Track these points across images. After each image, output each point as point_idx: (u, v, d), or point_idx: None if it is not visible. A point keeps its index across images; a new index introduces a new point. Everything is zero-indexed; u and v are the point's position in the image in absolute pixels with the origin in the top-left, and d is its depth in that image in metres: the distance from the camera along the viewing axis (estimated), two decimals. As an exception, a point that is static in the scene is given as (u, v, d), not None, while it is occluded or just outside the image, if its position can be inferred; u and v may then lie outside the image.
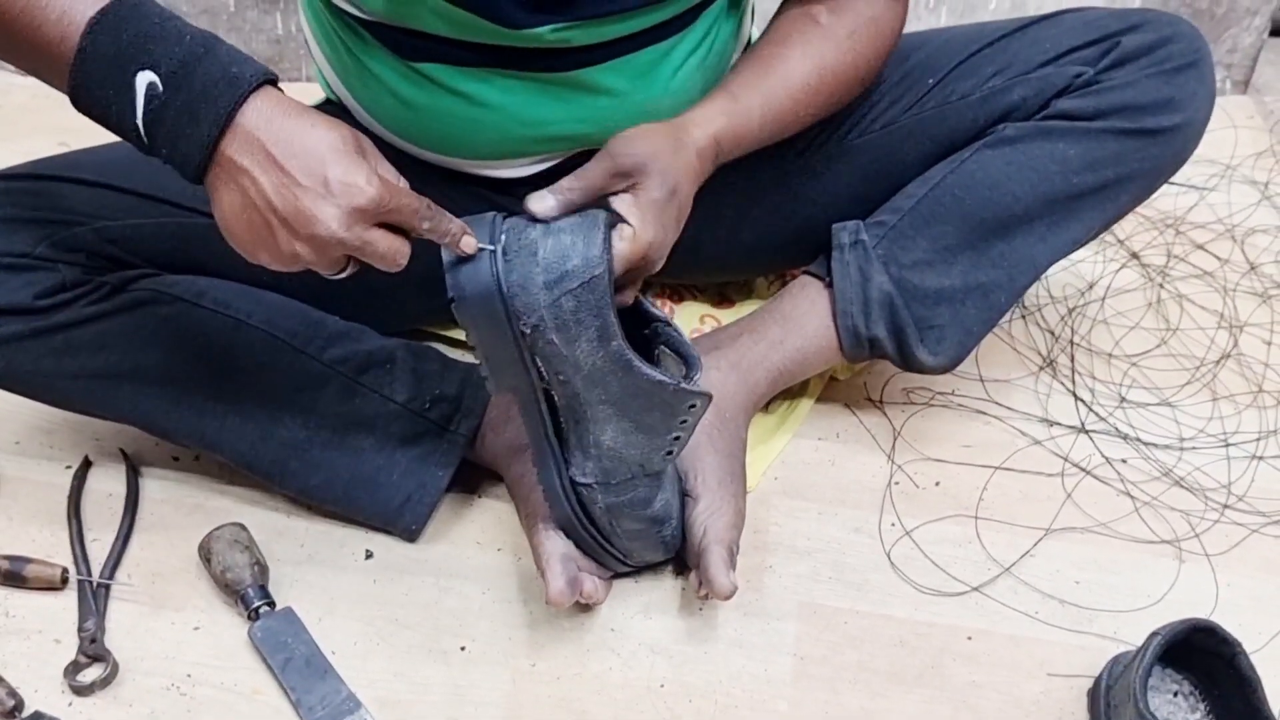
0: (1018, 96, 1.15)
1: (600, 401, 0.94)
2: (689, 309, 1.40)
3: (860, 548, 1.17)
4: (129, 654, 1.05)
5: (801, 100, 1.07)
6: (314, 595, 1.11)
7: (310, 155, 0.79)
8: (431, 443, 1.13)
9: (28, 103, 1.78)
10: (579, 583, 1.04)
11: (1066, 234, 1.15)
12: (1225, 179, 1.64)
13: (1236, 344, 1.40)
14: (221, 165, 0.80)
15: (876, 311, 1.16)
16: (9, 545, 1.14)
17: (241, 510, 1.17)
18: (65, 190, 1.03)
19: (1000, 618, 1.10)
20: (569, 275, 0.86)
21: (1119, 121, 1.11)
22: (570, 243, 0.87)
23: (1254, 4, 1.78)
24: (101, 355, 1.03)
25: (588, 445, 0.98)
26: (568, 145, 1.12)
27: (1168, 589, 1.13)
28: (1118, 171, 1.13)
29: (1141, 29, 1.13)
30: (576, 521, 1.03)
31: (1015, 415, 1.30)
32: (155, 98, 0.79)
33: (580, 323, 0.88)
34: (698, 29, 1.10)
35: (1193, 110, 1.13)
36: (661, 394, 0.94)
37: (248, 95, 0.79)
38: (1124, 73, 1.12)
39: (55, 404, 1.08)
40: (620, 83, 1.08)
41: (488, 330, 0.90)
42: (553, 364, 0.92)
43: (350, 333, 1.12)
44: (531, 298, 0.87)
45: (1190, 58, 1.12)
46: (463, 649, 1.07)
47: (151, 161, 0.83)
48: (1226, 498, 1.22)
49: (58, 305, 1.00)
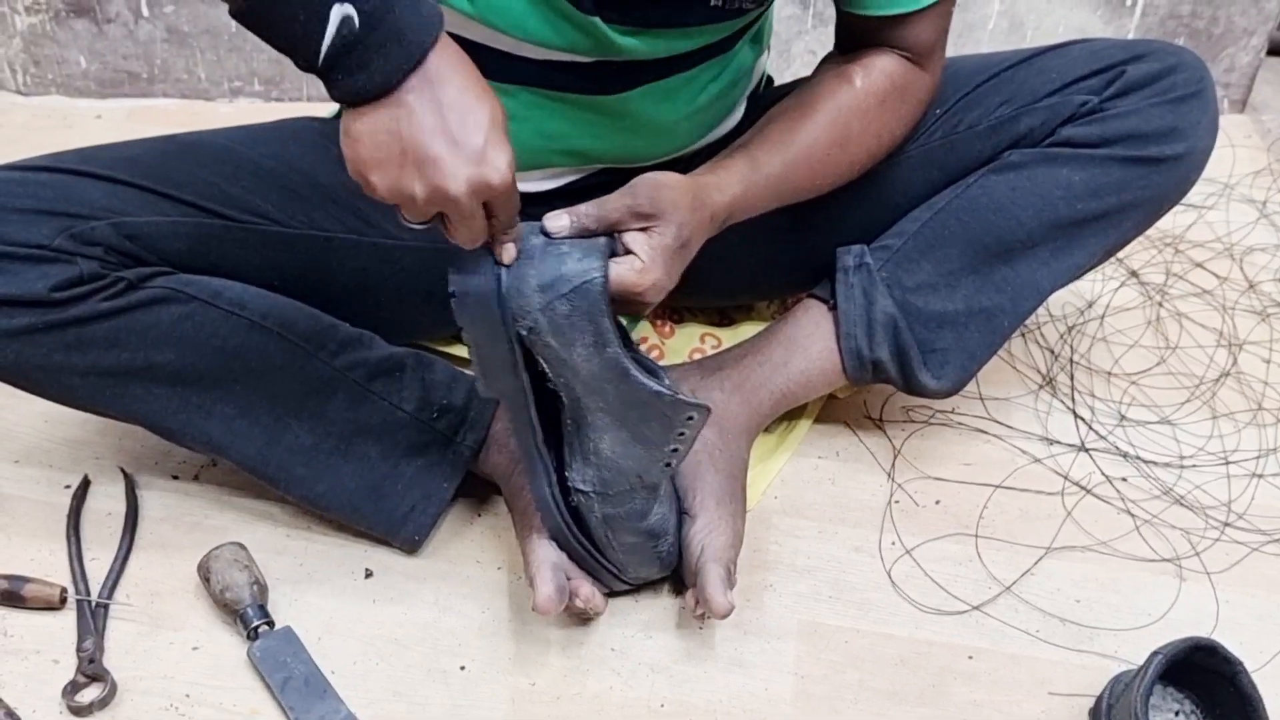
0: (1024, 126, 1.16)
1: (599, 409, 0.96)
2: (689, 328, 1.40)
3: (860, 566, 1.16)
4: (127, 674, 1.05)
5: (818, 169, 1.09)
6: (313, 614, 1.10)
7: (470, 117, 0.83)
8: (438, 453, 1.13)
9: (29, 121, 1.79)
10: (570, 591, 1.04)
11: (1070, 260, 1.16)
12: (1224, 197, 1.65)
13: (1236, 362, 1.40)
14: (394, 103, 0.83)
15: (880, 334, 1.16)
16: (8, 564, 1.13)
17: (241, 529, 1.17)
18: (85, 184, 1.03)
19: (1001, 636, 1.10)
20: (562, 279, 0.89)
21: (1123, 149, 1.12)
22: (568, 252, 0.91)
23: (1251, 24, 1.79)
24: (114, 352, 1.02)
25: (588, 452, 0.99)
26: (584, 160, 1.14)
27: (1168, 607, 1.13)
28: (1121, 199, 1.14)
29: (1146, 59, 1.14)
30: (567, 532, 1.03)
31: (1015, 434, 1.30)
32: (350, 30, 0.81)
33: (575, 327, 0.90)
34: (717, 65, 1.12)
35: (1195, 139, 1.14)
36: (658, 404, 0.95)
37: (433, 44, 0.82)
38: (1128, 101, 1.13)
39: (61, 400, 1.07)
40: (645, 105, 1.10)
41: (484, 330, 0.92)
42: (554, 367, 0.94)
43: (361, 339, 1.12)
44: (525, 299, 0.90)
45: (1194, 88, 1.13)
46: (462, 668, 1.07)
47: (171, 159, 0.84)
48: (1227, 516, 1.22)
49: (73, 299, 0.99)
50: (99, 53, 1.81)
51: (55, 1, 1.76)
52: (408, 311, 1.20)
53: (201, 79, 1.85)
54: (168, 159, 1.09)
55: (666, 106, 1.11)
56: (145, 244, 1.03)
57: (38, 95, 1.85)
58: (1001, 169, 1.15)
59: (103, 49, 1.81)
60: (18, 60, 1.82)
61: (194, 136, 1.14)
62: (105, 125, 1.79)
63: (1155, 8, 1.77)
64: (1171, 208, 1.19)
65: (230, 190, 1.09)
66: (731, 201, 1.02)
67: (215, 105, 1.87)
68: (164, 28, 1.79)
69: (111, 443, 1.25)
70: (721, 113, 1.16)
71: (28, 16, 1.78)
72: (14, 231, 0.97)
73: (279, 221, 1.11)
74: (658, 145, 1.17)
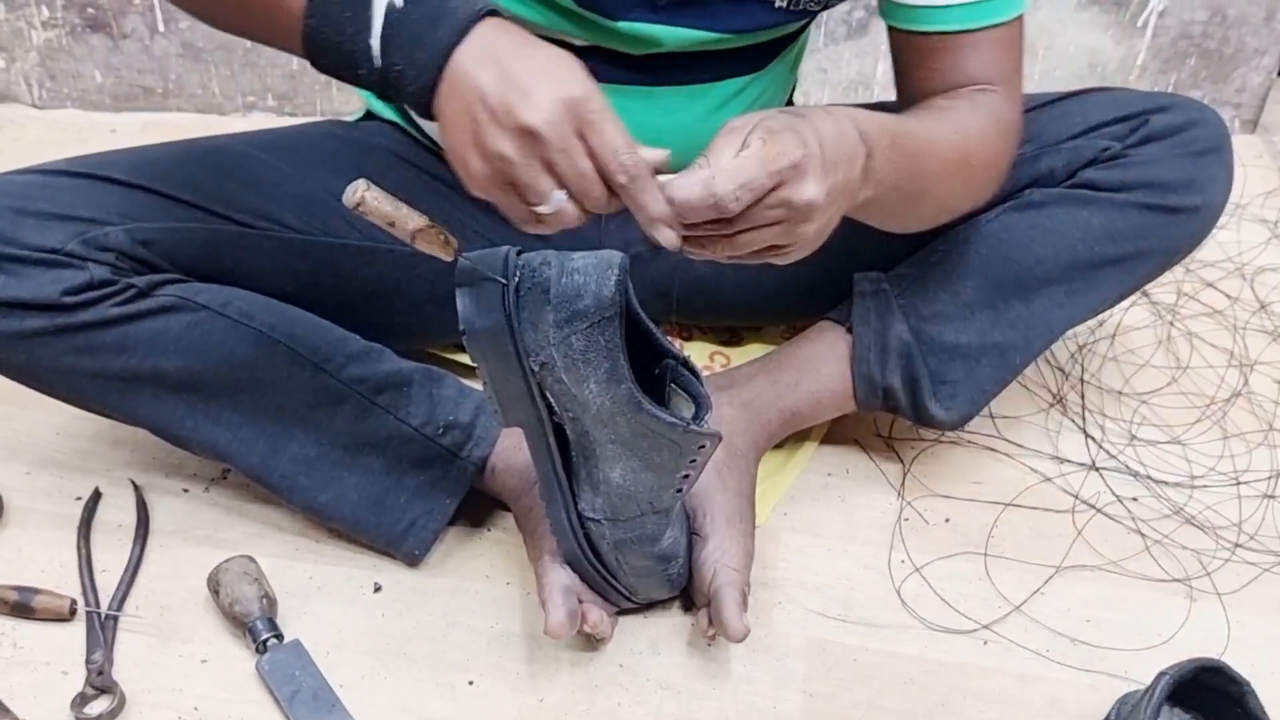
0: (1046, 166, 1.17)
1: (609, 440, 0.94)
2: (697, 347, 1.40)
3: (870, 584, 1.16)
4: (136, 686, 1.05)
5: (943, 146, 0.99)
6: (322, 628, 1.10)
7: (533, 59, 0.80)
8: (442, 469, 1.13)
9: (44, 135, 1.80)
10: (583, 614, 1.04)
11: (1084, 302, 1.17)
12: (1234, 217, 1.65)
13: (1247, 382, 1.40)
14: (452, 76, 0.80)
15: (893, 360, 1.16)
16: (18, 576, 1.14)
17: (250, 543, 1.18)
18: (101, 188, 1.04)
19: (1010, 656, 1.10)
20: (580, 315, 0.86)
21: (1143, 196, 1.13)
22: (583, 282, 0.86)
23: (1262, 44, 1.79)
24: (122, 357, 1.03)
25: (597, 481, 0.98)
26: None
27: (1179, 628, 1.12)
28: (1138, 245, 1.15)
29: (1169, 111, 1.16)
30: (583, 556, 1.03)
31: (1025, 452, 1.30)
32: (395, 12, 0.81)
33: (589, 363, 0.88)
34: (764, 79, 1.13)
35: (1213, 194, 1.16)
36: (671, 435, 0.93)
37: (483, 14, 0.81)
38: (1150, 150, 1.14)
39: (71, 401, 1.09)
40: (698, 110, 1.11)
41: (497, 364, 0.90)
42: (562, 401, 0.92)
43: (370, 353, 1.12)
44: (541, 335, 0.87)
45: (1214, 143, 1.15)
46: (470, 683, 1.07)
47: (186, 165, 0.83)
48: (1238, 536, 1.21)
49: (84, 304, 1.00)
50: (114, 67, 1.82)
51: (72, 16, 1.78)
52: (421, 318, 1.20)
53: (216, 94, 1.86)
54: (185, 164, 1.10)
55: (716, 116, 1.11)
56: (158, 249, 1.04)
57: (53, 109, 1.86)
58: (1022, 207, 1.16)
59: (118, 63, 1.82)
60: (34, 74, 1.83)
61: (213, 141, 1.15)
62: (120, 139, 1.80)
63: (1166, 29, 1.77)
64: (1183, 259, 1.21)
65: (245, 196, 1.09)
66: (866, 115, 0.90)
67: (229, 120, 1.88)
68: (179, 43, 1.80)
69: (122, 455, 1.26)
70: None
71: (44, 31, 1.79)
72: (28, 235, 0.99)
73: (293, 228, 1.11)
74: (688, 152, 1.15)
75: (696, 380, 0.95)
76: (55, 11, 1.77)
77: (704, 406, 0.95)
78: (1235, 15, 1.76)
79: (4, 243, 0.98)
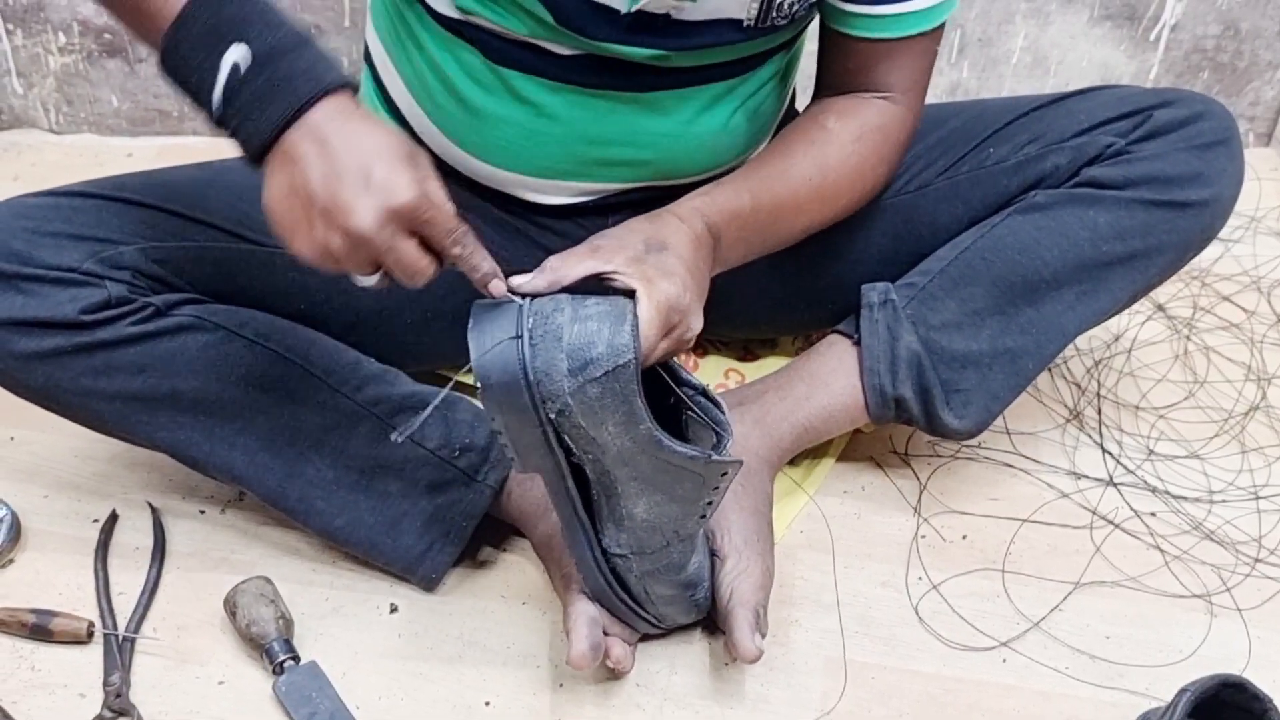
0: (1050, 165, 1.16)
1: (631, 479, 0.93)
2: (712, 363, 1.40)
3: (887, 602, 1.16)
4: (154, 708, 1.05)
5: (802, 194, 1.09)
6: (339, 649, 1.10)
7: (361, 152, 0.82)
8: (458, 492, 1.13)
9: (61, 160, 1.81)
10: (605, 648, 1.04)
11: (1095, 303, 1.17)
12: (1250, 231, 1.64)
13: (1265, 396, 1.39)
14: (282, 149, 0.83)
15: (904, 371, 1.16)
16: (36, 599, 1.14)
17: (267, 564, 1.18)
18: (116, 209, 1.05)
19: (1029, 673, 1.09)
20: (594, 363, 0.86)
21: (1148, 192, 1.13)
22: (596, 329, 0.86)
23: (1276, 57, 1.78)
24: (140, 378, 1.03)
25: (620, 518, 0.97)
26: (620, 173, 1.14)
27: (1199, 644, 1.12)
28: (1146, 242, 1.14)
29: (1174, 105, 1.15)
30: (611, 592, 1.02)
31: (1042, 468, 1.30)
32: (239, 73, 0.82)
33: (606, 408, 0.87)
34: (753, 81, 1.13)
35: (1221, 186, 1.14)
36: (694, 467, 0.93)
37: (325, 94, 0.83)
38: (1155, 145, 1.14)
39: (90, 425, 1.09)
40: (686, 111, 1.10)
41: (513, 415, 0.89)
42: (580, 444, 0.91)
43: (385, 375, 1.12)
44: (555, 384, 0.86)
45: (1221, 135, 1.14)
46: (487, 704, 1.06)
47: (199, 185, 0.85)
48: (1258, 551, 1.21)
49: (102, 322, 1.01)
50: (130, 92, 1.84)
51: (88, 42, 1.79)
52: (431, 338, 1.20)
53: (230, 117, 1.86)
54: (198, 184, 1.10)
55: (705, 117, 1.11)
56: (173, 269, 1.05)
57: (70, 134, 1.88)
58: (1027, 209, 1.16)
59: (134, 88, 1.83)
60: (51, 100, 1.85)
61: (227, 163, 1.15)
62: (136, 163, 1.81)
63: (1179, 43, 1.77)
64: (1195, 255, 1.20)
65: (259, 216, 1.10)
66: (698, 206, 1.01)
67: (244, 143, 1.88)
68: (194, 67, 1.81)
69: (139, 477, 1.26)
70: (748, 143, 1.16)
71: (61, 56, 1.81)
72: (45, 255, 1.00)
73: None
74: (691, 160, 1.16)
75: (716, 407, 0.95)
76: (72, 37, 1.79)
77: (725, 433, 0.94)
78: (1249, 29, 1.76)
79: (21, 262, 0.99)
